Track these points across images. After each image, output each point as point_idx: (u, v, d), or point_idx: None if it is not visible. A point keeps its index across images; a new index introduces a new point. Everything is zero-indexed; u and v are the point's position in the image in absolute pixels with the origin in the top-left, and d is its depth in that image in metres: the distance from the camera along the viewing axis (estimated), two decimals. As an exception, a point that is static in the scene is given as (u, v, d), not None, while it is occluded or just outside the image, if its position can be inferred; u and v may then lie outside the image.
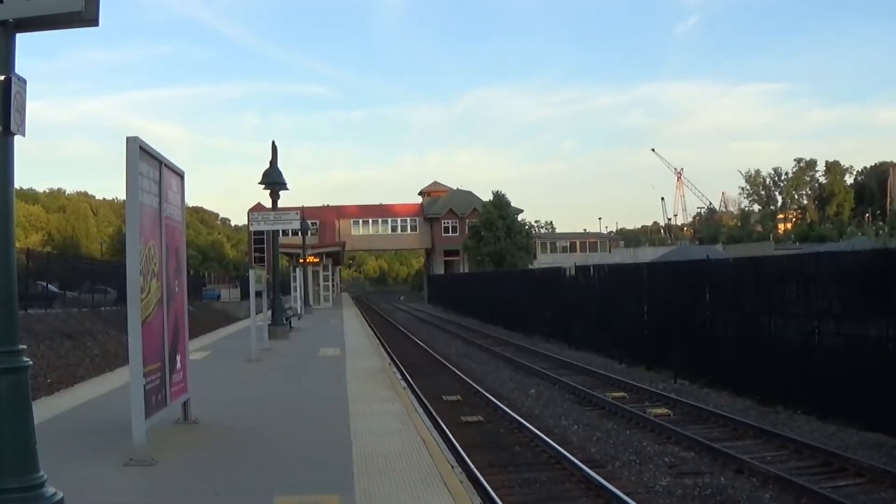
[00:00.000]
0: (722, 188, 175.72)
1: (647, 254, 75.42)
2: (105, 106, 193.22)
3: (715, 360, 15.48)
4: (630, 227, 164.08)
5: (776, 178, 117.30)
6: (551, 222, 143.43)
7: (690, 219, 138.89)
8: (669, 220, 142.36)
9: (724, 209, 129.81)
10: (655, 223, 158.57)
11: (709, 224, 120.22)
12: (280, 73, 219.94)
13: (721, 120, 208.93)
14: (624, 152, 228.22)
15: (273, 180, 20.48)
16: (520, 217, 69.30)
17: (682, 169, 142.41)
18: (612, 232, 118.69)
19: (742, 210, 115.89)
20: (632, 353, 19.67)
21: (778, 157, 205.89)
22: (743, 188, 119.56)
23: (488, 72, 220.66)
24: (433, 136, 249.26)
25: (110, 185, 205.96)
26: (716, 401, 13.97)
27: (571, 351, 23.52)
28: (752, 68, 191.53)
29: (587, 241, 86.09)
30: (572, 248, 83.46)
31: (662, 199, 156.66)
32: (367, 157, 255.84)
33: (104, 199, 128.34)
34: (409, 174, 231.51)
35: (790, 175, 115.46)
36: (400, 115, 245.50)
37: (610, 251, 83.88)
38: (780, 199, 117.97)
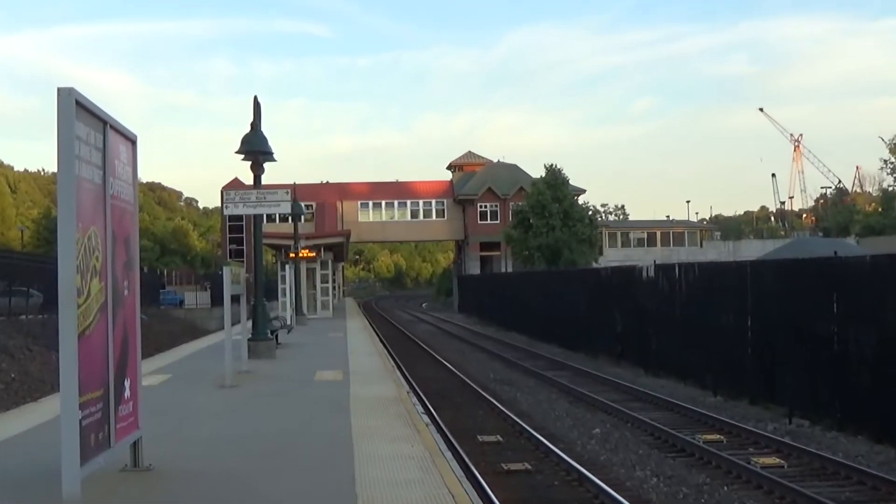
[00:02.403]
0: (856, 161, 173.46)
1: (751, 249, 74.69)
2: (26, 46, 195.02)
3: (845, 392, 15.22)
4: (729, 213, 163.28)
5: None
6: (623, 207, 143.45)
7: (812, 202, 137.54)
8: (783, 203, 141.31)
9: (858, 189, 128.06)
10: (764, 208, 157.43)
11: (837, 209, 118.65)
12: (260, 5, 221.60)
13: (852, 68, 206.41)
14: (720, 113, 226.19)
15: (255, 148, 20.50)
16: (581, 199, 69.02)
17: (800, 135, 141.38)
18: (704, 220, 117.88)
19: (884, 191, 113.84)
20: (730, 382, 19.48)
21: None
22: (886, 161, 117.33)
23: (535, 6, 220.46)
24: (465, 92, 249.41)
25: (35, 152, 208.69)
26: (846, 448, 13.75)
27: (649, 377, 23.38)
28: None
29: (671, 231, 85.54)
30: (651, 241, 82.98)
31: (773, 175, 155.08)
32: (379, 118, 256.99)
33: (26, 170, 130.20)
34: (433, 141, 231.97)
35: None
36: (421, 63, 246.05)
37: (701, 245, 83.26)
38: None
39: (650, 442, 14.95)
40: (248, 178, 21.29)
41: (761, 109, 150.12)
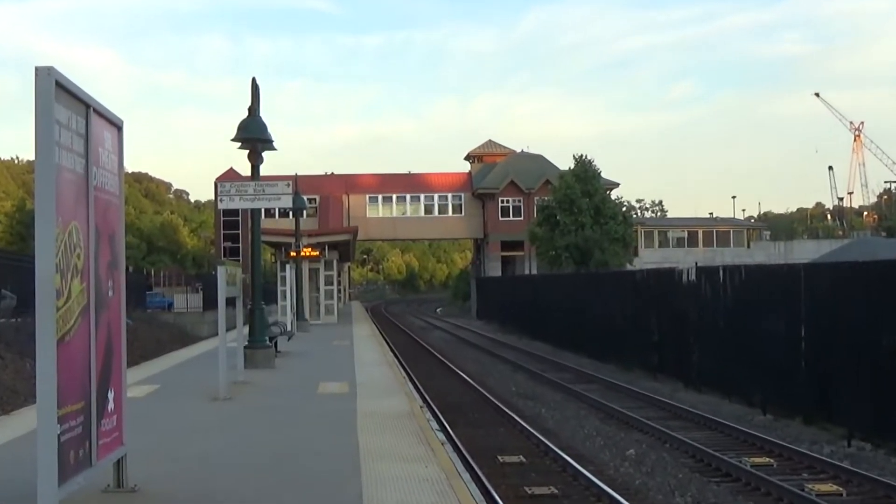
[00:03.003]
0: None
1: (805, 250, 74.33)
2: (1, 21, 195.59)
3: (911, 411, 15.10)
4: (780, 210, 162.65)
5: None
6: (660, 203, 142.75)
7: (874, 198, 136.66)
8: (841, 200, 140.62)
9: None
10: (819, 205, 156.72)
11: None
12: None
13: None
14: (770, 98, 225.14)
15: (253, 135, 20.55)
16: (614, 194, 68.91)
17: (861, 123, 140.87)
18: (752, 218, 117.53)
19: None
20: (781, 398, 19.41)
21: None
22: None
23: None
24: (484, 75, 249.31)
25: (8, 137, 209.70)
26: (912, 474, 13.64)
27: (689, 392, 23.32)
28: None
29: (714, 230, 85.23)
30: (692, 241, 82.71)
31: (830, 168, 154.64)
32: (389, 103, 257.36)
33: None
34: (449, 129, 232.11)
35: None
36: (435, 43, 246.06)
37: (749, 246, 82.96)
38: None
39: (691, 465, 14.89)
40: (244, 169, 21.37)
41: (817, 94, 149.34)
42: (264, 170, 21.28)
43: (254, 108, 20.63)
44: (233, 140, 20.65)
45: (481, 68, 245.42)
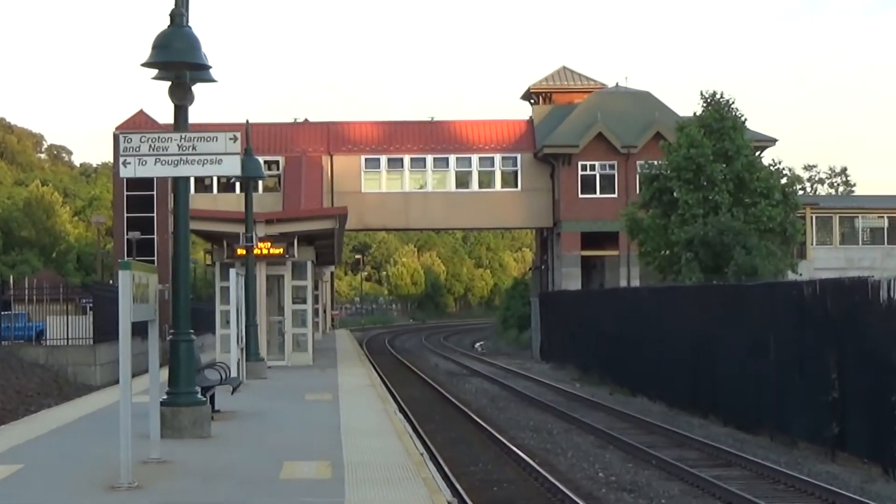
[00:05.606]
0: None
1: None
2: None
3: None
4: None
5: None
6: (843, 171, 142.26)
7: None
8: None
9: None
10: None
11: None
12: None
13: None
14: None
15: (177, 58, 20.62)
16: (766, 157, 68.52)
17: None
18: None
19: None
20: None
21: None
22: None
23: None
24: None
25: None
26: None
27: (892, 483, 23.19)
28: None
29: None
30: (894, 234, 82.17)
31: None
32: (396, 7, 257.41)
33: None
34: (497, 50, 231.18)
35: None
36: None
37: None
38: None
39: None
40: (163, 113, 21.45)
41: None
42: (197, 115, 21.38)
43: (179, 15, 20.70)
44: (144, 66, 20.73)
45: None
